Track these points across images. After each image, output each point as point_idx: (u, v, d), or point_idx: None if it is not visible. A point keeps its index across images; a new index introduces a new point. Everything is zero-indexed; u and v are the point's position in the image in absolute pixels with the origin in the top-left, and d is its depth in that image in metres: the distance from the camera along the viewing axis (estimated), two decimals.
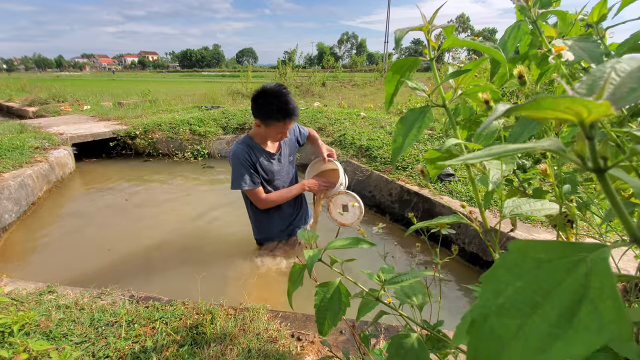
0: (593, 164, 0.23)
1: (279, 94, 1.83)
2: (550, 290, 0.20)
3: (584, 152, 0.23)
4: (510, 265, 0.23)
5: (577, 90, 0.22)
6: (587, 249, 0.22)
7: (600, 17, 0.60)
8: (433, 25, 0.51)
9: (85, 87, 13.82)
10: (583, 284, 0.20)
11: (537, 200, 0.51)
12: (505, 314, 0.21)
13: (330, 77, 14.96)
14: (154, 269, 2.30)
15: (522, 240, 0.24)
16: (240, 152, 1.97)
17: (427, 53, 0.54)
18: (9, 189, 2.88)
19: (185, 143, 5.05)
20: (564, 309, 0.19)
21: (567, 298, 0.20)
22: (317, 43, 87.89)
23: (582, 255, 0.21)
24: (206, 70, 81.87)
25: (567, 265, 0.21)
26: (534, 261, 0.22)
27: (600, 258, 0.21)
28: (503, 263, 0.23)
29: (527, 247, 0.23)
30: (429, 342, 0.59)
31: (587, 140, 0.22)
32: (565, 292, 0.20)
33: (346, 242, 0.61)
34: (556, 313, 0.19)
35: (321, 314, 0.59)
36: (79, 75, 51.06)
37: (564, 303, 0.20)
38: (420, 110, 0.54)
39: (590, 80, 0.23)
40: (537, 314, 0.20)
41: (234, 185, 1.99)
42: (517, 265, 0.23)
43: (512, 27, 0.62)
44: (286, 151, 2.16)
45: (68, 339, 1.34)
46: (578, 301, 0.19)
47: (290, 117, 1.87)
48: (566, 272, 0.21)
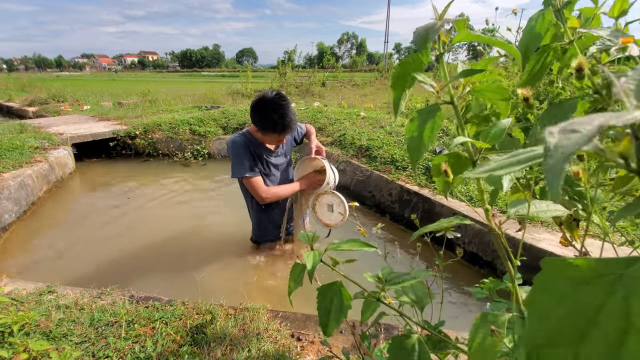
0: (638, 166, 0.21)
1: (277, 107, 1.81)
2: (594, 317, 0.19)
3: (629, 153, 0.21)
4: (547, 288, 0.22)
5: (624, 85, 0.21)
6: (621, 265, 0.20)
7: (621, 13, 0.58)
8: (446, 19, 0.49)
9: (85, 87, 13.82)
10: (624, 310, 0.18)
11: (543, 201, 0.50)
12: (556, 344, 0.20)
13: (330, 77, 14.95)
14: (154, 269, 2.29)
15: (552, 258, 0.23)
16: (240, 140, 1.97)
17: (436, 47, 0.52)
18: (8, 189, 2.88)
19: (185, 143, 5.05)
20: (611, 338, 0.18)
21: (611, 327, 0.18)
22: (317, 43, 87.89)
23: (617, 273, 0.20)
24: (206, 70, 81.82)
25: (605, 286, 0.20)
26: (569, 282, 0.21)
27: (636, 276, 0.19)
28: (539, 287, 0.22)
29: (558, 266, 0.22)
30: (430, 343, 0.59)
31: (634, 140, 0.21)
32: (607, 320, 0.19)
33: (349, 245, 0.61)
34: (605, 343, 0.18)
35: (324, 316, 0.58)
36: (79, 75, 51.03)
37: (609, 333, 0.18)
38: (429, 109, 0.50)
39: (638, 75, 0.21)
40: (587, 343, 0.19)
41: (234, 173, 1.97)
42: (553, 288, 0.21)
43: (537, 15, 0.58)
44: (283, 149, 2.15)
45: (68, 339, 1.34)
46: (624, 330, 0.18)
47: (286, 131, 1.86)
48: (605, 294, 0.19)
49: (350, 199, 3.45)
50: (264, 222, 2.22)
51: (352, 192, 3.53)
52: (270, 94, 1.84)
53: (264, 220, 2.21)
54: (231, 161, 1.98)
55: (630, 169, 0.21)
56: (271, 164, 2.08)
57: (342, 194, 2.03)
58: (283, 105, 1.82)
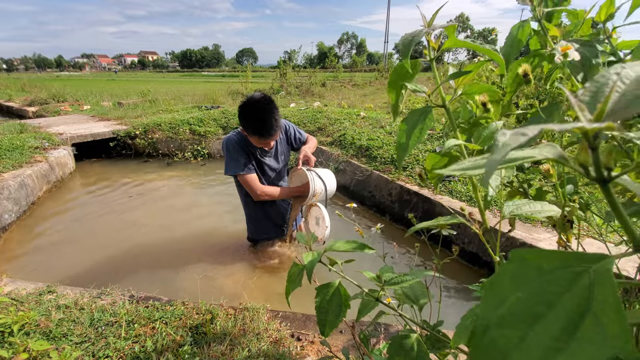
0: (596, 174, 0.22)
1: (260, 111, 1.78)
2: (553, 302, 0.20)
3: (588, 162, 0.22)
4: (512, 275, 0.22)
5: (581, 98, 0.22)
6: (591, 260, 0.21)
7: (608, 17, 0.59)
8: (434, 25, 0.50)
9: (85, 87, 13.82)
10: (586, 296, 0.19)
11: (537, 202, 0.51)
12: (506, 325, 0.21)
13: (331, 77, 14.95)
14: (154, 269, 2.30)
15: (524, 249, 0.24)
16: (235, 138, 1.96)
17: (427, 54, 0.54)
18: (8, 189, 2.88)
19: (185, 143, 5.05)
20: (566, 321, 0.19)
21: (570, 310, 0.19)
22: (317, 43, 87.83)
23: (586, 266, 0.21)
24: (206, 70, 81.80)
25: (570, 275, 0.21)
26: (536, 270, 0.22)
27: (604, 269, 0.20)
28: (504, 272, 0.23)
29: (529, 256, 0.23)
30: (429, 342, 0.59)
31: (591, 151, 0.22)
32: (568, 303, 0.20)
33: (348, 246, 0.61)
34: (559, 325, 0.19)
35: (322, 315, 0.59)
36: (79, 75, 51.02)
37: (567, 315, 0.19)
38: (421, 111, 0.53)
39: (594, 87, 0.22)
40: (539, 326, 0.20)
41: (228, 170, 1.97)
42: (519, 274, 0.22)
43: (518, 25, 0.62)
44: (279, 150, 2.13)
45: (68, 339, 1.34)
46: (581, 314, 0.19)
47: (265, 136, 1.83)
48: (569, 283, 0.21)
49: (350, 199, 3.46)
50: (260, 219, 2.22)
51: (352, 192, 3.53)
52: (256, 97, 1.82)
53: (260, 217, 2.21)
54: (225, 158, 1.98)
55: (590, 177, 0.23)
56: (265, 164, 2.07)
57: (342, 194, 2.01)
58: (267, 109, 1.79)
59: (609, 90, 0.21)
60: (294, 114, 5.76)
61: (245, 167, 1.94)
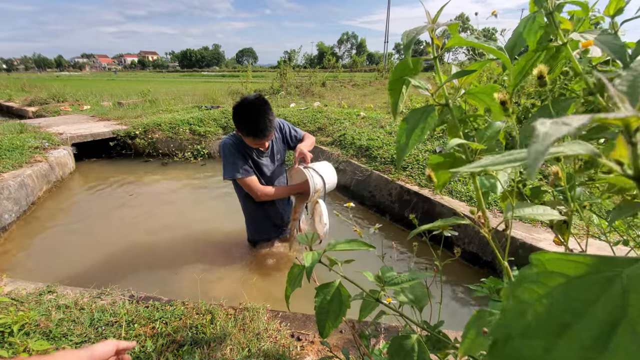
0: (634, 172, 0.21)
1: (253, 112, 1.78)
2: (582, 310, 0.19)
3: (624, 158, 0.21)
4: (534, 281, 0.21)
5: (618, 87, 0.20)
6: (622, 264, 0.20)
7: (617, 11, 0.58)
8: (438, 23, 0.50)
9: (85, 87, 13.81)
10: (620, 303, 0.18)
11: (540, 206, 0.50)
12: (530, 335, 0.19)
13: (330, 77, 14.94)
14: (154, 269, 2.30)
15: (545, 252, 0.22)
16: (231, 142, 1.97)
17: (430, 51, 0.53)
18: (8, 189, 2.88)
19: (185, 143, 5.05)
20: (598, 330, 0.18)
21: (601, 319, 0.18)
22: (317, 43, 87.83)
23: (617, 271, 0.20)
24: (206, 70, 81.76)
25: (601, 281, 0.19)
26: (561, 277, 0.21)
27: (639, 274, 0.19)
28: (525, 278, 0.21)
29: (552, 261, 0.22)
30: (429, 343, 0.59)
31: (630, 146, 0.21)
32: (599, 312, 0.18)
33: (347, 245, 0.61)
34: (589, 335, 0.18)
35: (322, 316, 0.58)
36: (79, 75, 51.00)
37: (599, 324, 0.18)
38: (423, 110, 0.52)
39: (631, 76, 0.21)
40: (567, 336, 0.18)
41: (226, 174, 1.97)
42: (542, 281, 0.21)
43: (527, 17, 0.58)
44: (274, 149, 2.13)
45: (68, 339, 1.34)
46: (614, 322, 0.18)
47: (259, 136, 1.83)
48: (600, 289, 0.19)
49: (350, 199, 3.45)
50: (259, 220, 2.22)
51: (352, 192, 3.53)
52: (249, 98, 1.81)
53: (259, 218, 2.21)
54: (222, 162, 1.99)
55: (626, 175, 0.21)
56: (262, 164, 2.07)
57: (342, 194, 2.01)
58: (261, 110, 1.79)
59: None
60: (294, 114, 5.75)
61: (243, 170, 1.95)
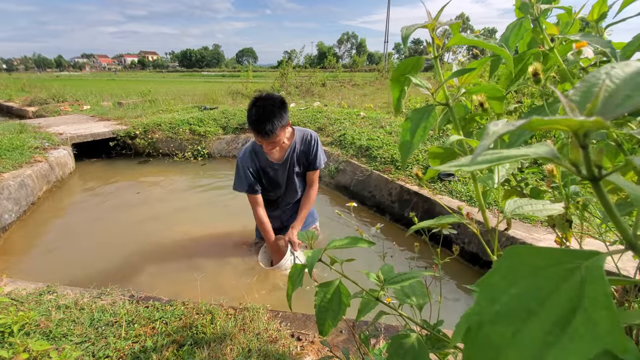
0: (587, 173, 0.23)
1: (259, 107, 1.71)
2: (545, 298, 0.20)
3: (579, 161, 0.23)
4: (506, 272, 0.23)
5: (571, 97, 0.22)
6: (583, 256, 0.22)
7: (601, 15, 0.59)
8: (439, 22, 0.50)
9: (85, 87, 13.81)
10: (578, 292, 0.20)
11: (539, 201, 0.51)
12: (500, 321, 0.21)
13: (331, 77, 14.93)
14: (154, 269, 2.30)
15: (518, 246, 0.24)
16: (246, 157, 1.96)
17: (431, 51, 0.53)
18: (8, 189, 2.88)
19: (185, 143, 5.05)
20: (558, 316, 0.19)
21: (562, 306, 0.20)
22: (317, 43, 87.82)
23: (578, 263, 0.21)
24: (206, 70, 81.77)
25: (563, 272, 0.21)
26: (529, 267, 0.22)
27: (596, 266, 0.21)
28: (498, 269, 0.23)
29: (523, 253, 0.23)
30: (429, 342, 0.59)
31: (581, 149, 0.22)
32: (560, 300, 0.20)
33: (346, 242, 0.61)
34: (551, 321, 0.19)
35: (321, 314, 0.59)
36: (79, 75, 50.99)
37: (559, 311, 0.20)
38: (425, 109, 0.53)
39: (584, 87, 0.22)
40: (532, 321, 0.20)
41: (235, 187, 2.02)
42: (513, 271, 0.23)
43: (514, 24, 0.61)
44: (293, 161, 2.01)
45: (68, 339, 1.34)
46: (573, 310, 0.19)
47: (260, 133, 1.72)
48: (562, 279, 0.21)
49: (350, 199, 3.46)
50: None
51: (352, 192, 3.53)
52: (263, 95, 1.77)
53: None
54: (235, 174, 2.00)
55: (582, 176, 0.23)
56: (271, 176, 2.03)
57: (342, 194, 2.01)
58: (266, 106, 1.71)
59: (599, 90, 0.21)
60: (294, 114, 5.76)
61: (248, 188, 1.97)
